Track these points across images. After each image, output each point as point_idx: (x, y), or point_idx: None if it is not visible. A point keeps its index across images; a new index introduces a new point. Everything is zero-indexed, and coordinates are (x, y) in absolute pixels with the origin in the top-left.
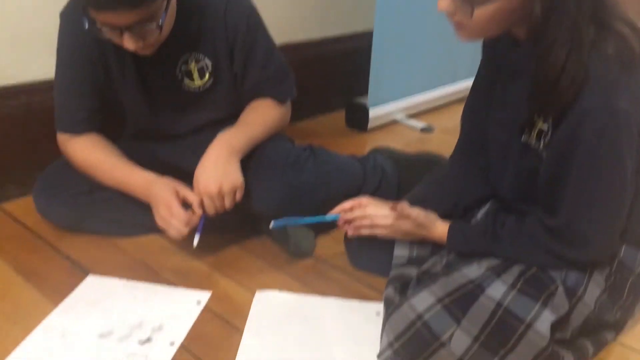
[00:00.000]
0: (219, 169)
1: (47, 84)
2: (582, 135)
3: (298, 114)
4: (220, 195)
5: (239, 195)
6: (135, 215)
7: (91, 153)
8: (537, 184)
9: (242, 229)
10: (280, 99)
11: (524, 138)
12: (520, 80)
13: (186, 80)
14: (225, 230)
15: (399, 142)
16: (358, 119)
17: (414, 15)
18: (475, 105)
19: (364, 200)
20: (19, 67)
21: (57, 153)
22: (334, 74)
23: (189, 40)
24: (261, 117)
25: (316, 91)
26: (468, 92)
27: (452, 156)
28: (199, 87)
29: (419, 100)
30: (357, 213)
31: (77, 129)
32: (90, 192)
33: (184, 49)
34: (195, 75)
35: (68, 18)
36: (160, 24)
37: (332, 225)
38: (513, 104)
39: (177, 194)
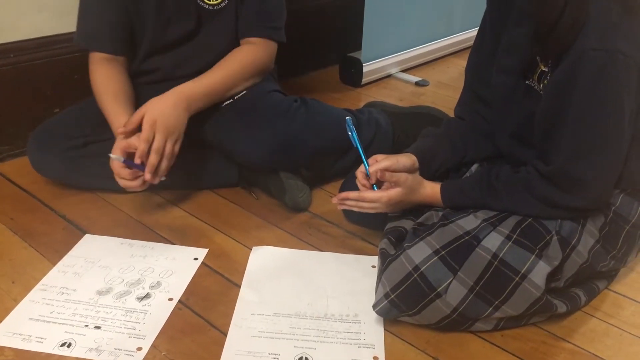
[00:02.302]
0: (159, 108)
1: (35, 42)
2: (579, 75)
3: (292, 69)
4: (152, 130)
5: (169, 146)
6: None
7: (99, 76)
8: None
9: (237, 185)
10: (270, 37)
11: (527, 81)
12: (525, 24)
13: None
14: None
15: (394, 96)
16: (352, 74)
17: None
18: (480, 56)
19: (378, 156)
20: (6, 26)
21: (48, 112)
22: (328, 29)
23: None
24: (232, 65)
25: (310, 47)
26: (462, 45)
27: (456, 108)
28: (214, 5)
29: (413, 54)
30: (351, 197)
31: (95, 44)
32: (84, 145)
33: None
34: None
35: None
36: None
37: (327, 179)
38: (518, 48)
39: (128, 146)
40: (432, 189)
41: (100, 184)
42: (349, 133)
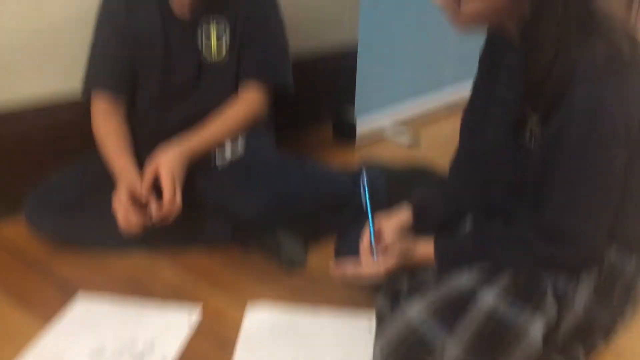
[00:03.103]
0: (173, 163)
1: (36, 107)
2: (568, 129)
3: (286, 125)
4: (173, 186)
5: (180, 194)
6: None
7: (102, 121)
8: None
9: (231, 241)
10: (272, 81)
11: (518, 136)
12: (515, 82)
13: (204, 50)
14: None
15: (386, 152)
16: (346, 131)
17: (397, 28)
18: (473, 114)
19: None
20: (6, 92)
21: (46, 172)
22: (321, 86)
23: (214, 8)
24: (233, 116)
25: (304, 103)
26: (454, 102)
27: (451, 164)
28: (215, 59)
29: (406, 110)
30: (349, 273)
31: (99, 84)
32: (81, 203)
33: (207, 18)
34: (214, 48)
35: None
36: None
37: (322, 234)
38: (508, 105)
39: (133, 189)
40: (425, 251)
41: (96, 241)
42: (362, 190)
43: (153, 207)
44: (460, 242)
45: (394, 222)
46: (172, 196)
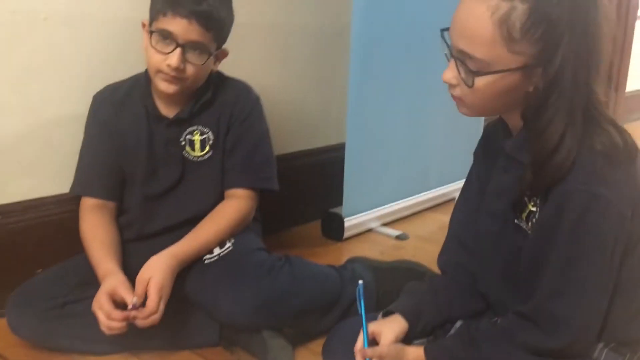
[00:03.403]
0: (162, 273)
1: (22, 204)
2: (564, 213)
3: (274, 225)
4: (159, 295)
5: (164, 306)
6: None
7: (89, 220)
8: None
9: (218, 344)
10: (259, 187)
11: (516, 221)
12: (514, 170)
13: (188, 148)
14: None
15: (375, 250)
16: (334, 229)
17: (384, 127)
18: (467, 205)
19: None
20: None
21: (30, 273)
22: (309, 185)
23: (199, 109)
24: (220, 221)
25: (292, 203)
26: (439, 200)
27: (439, 259)
28: (198, 157)
29: (393, 209)
30: None
31: (88, 190)
32: (63, 306)
33: (193, 119)
34: (197, 146)
35: (99, 98)
36: (210, 53)
37: (310, 337)
38: (507, 191)
39: (114, 293)
40: (415, 354)
41: (79, 346)
42: (358, 301)
43: (134, 314)
44: (449, 342)
45: (391, 331)
46: (154, 308)
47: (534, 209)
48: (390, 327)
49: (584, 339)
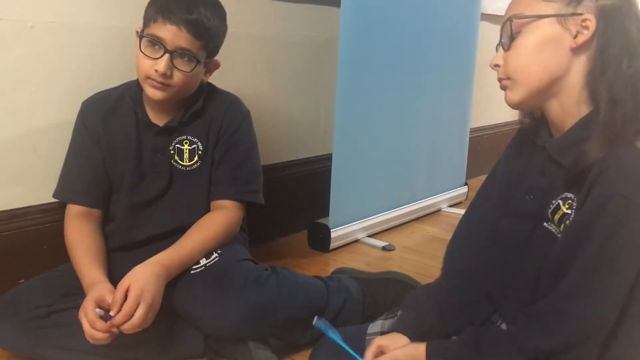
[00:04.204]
0: (144, 279)
1: (6, 214)
2: (601, 218)
3: (261, 236)
4: (137, 301)
5: (150, 317)
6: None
7: (74, 227)
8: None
9: (203, 355)
10: (246, 200)
11: (545, 224)
12: (553, 171)
13: (176, 157)
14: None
15: (361, 260)
16: (320, 240)
17: (371, 139)
18: (487, 206)
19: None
20: None
21: (13, 283)
22: (296, 196)
23: (189, 119)
24: (207, 232)
25: (279, 214)
26: (425, 211)
27: (445, 263)
28: (186, 166)
29: (379, 220)
30: None
31: (73, 197)
32: (47, 316)
33: (183, 128)
34: (186, 155)
35: (89, 104)
36: (199, 61)
37: (297, 349)
38: (542, 195)
39: (101, 300)
40: (414, 351)
41: (64, 357)
42: (325, 333)
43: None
44: (453, 343)
45: (400, 341)
46: (130, 311)
47: (568, 211)
48: (398, 339)
49: (586, 346)
